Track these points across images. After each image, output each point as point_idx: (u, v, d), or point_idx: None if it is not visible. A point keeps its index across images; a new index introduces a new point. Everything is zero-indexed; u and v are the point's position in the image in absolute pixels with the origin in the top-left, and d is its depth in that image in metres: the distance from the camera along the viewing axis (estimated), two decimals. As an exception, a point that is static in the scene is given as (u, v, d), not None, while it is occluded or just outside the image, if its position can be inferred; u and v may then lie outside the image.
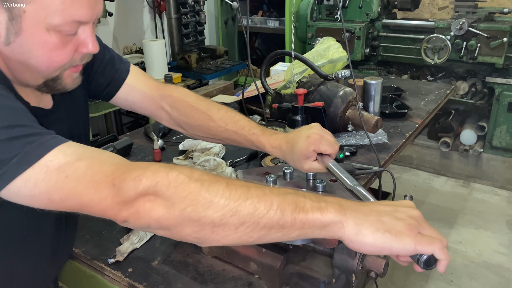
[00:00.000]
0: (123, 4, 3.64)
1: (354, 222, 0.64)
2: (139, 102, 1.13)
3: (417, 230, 0.64)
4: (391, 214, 0.66)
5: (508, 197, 3.35)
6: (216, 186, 0.64)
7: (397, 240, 0.63)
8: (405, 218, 0.65)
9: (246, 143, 1.09)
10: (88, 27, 0.79)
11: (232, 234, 0.65)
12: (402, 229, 0.63)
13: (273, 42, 4.61)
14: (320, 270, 0.90)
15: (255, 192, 0.65)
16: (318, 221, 0.64)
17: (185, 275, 1.01)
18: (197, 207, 0.63)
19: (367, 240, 0.63)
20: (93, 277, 1.12)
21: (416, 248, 0.63)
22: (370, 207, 0.67)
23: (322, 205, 0.65)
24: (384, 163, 1.53)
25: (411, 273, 2.59)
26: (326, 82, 1.71)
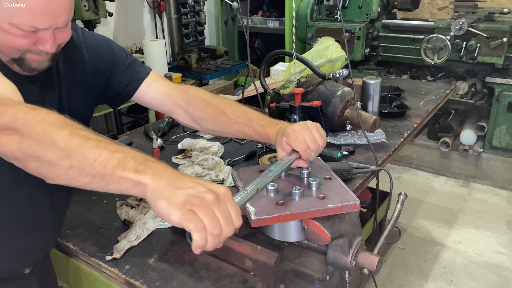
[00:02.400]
0: (123, 4, 3.65)
1: (153, 187, 0.71)
2: (158, 99, 1.24)
3: (192, 206, 0.68)
4: (185, 189, 0.70)
5: (507, 197, 3.35)
6: (60, 132, 0.73)
7: (167, 210, 0.68)
8: (192, 195, 0.69)
9: (254, 135, 1.14)
10: (48, 32, 0.90)
11: (63, 175, 0.74)
12: (178, 202, 0.68)
13: (273, 42, 4.62)
14: (315, 267, 0.90)
15: (90, 143, 0.73)
16: (130, 180, 0.71)
17: (181, 272, 1.01)
18: (40, 146, 0.73)
19: (153, 202, 0.70)
20: (91, 274, 1.12)
21: (179, 222, 0.68)
22: (178, 179, 0.72)
23: (140, 168, 0.72)
24: (382, 162, 1.54)
25: (410, 273, 2.59)
26: (324, 82, 1.72)
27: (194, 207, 0.68)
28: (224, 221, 0.69)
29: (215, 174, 1.45)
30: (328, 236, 0.80)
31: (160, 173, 0.72)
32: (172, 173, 0.73)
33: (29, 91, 0.97)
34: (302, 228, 0.88)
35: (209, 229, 0.68)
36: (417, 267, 2.64)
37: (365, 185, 1.46)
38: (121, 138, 1.66)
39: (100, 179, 0.73)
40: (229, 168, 1.48)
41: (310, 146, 0.98)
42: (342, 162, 1.42)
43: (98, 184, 0.74)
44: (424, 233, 2.96)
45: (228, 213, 0.71)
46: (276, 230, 0.91)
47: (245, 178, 1.00)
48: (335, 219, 0.85)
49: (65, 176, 0.74)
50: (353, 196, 0.87)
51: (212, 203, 0.70)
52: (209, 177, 1.44)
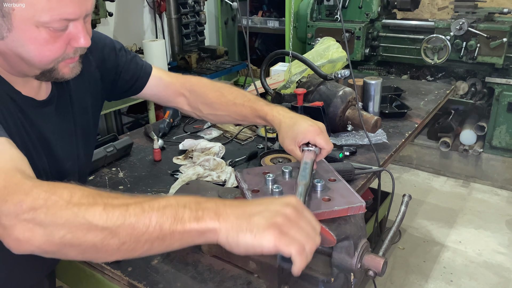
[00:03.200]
0: (123, 4, 3.64)
1: (225, 227, 0.65)
2: (163, 91, 1.23)
3: (280, 228, 0.64)
4: (260, 213, 0.66)
5: (507, 197, 3.35)
6: (93, 210, 0.64)
7: (256, 239, 0.63)
8: (273, 216, 0.65)
9: (250, 115, 1.15)
10: (78, 22, 0.81)
11: (116, 253, 0.66)
12: (264, 227, 0.64)
13: (273, 42, 4.61)
14: (319, 269, 0.90)
15: (133, 211, 0.65)
16: (195, 231, 0.65)
17: (184, 274, 1.01)
18: (76, 234, 0.63)
19: (234, 242, 0.65)
20: (93, 276, 1.12)
21: (275, 247, 0.63)
22: (245, 208, 0.68)
23: (199, 214, 0.66)
24: (384, 162, 1.54)
25: (410, 273, 2.59)
26: (325, 82, 1.72)
27: (282, 227, 0.64)
28: (312, 231, 0.67)
29: (216, 175, 1.45)
30: (334, 238, 0.79)
31: (223, 211, 0.67)
32: (235, 205, 0.68)
33: (47, 116, 0.94)
34: (306, 230, 0.87)
35: (307, 247, 0.64)
36: (417, 267, 2.64)
37: (367, 185, 1.46)
38: (121, 138, 1.65)
39: (160, 242, 0.66)
40: (230, 169, 1.48)
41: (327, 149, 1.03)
42: (345, 163, 1.42)
43: (159, 248, 0.67)
44: (424, 233, 2.96)
45: (311, 222, 0.68)
46: (280, 232, 0.90)
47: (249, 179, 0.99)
48: (340, 221, 0.85)
49: (119, 253, 0.66)
50: (358, 198, 0.87)
51: (296, 217, 0.66)
52: (210, 178, 1.43)
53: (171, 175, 1.50)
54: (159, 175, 1.50)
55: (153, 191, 1.39)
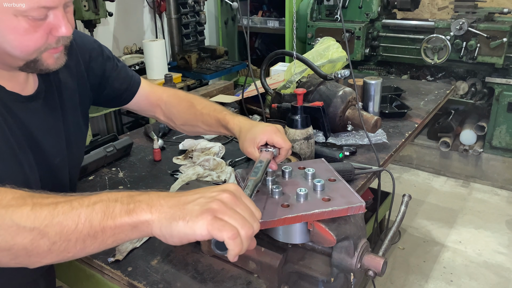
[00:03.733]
0: (123, 4, 3.64)
1: (158, 217, 0.63)
2: (144, 101, 1.27)
3: (214, 213, 0.62)
4: (194, 200, 0.65)
5: (507, 197, 3.35)
6: (21, 211, 0.62)
7: (189, 226, 0.62)
8: (206, 202, 0.64)
9: (215, 124, 1.18)
10: (58, 11, 0.80)
11: (48, 255, 0.63)
12: (197, 214, 0.62)
13: (273, 42, 4.62)
14: (319, 269, 0.90)
15: (61, 209, 0.63)
16: (127, 225, 0.63)
17: (184, 274, 1.01)
18: (5, 237, 0.61)
19: (167, 232, 0.63)
20: (93, 276, 1.12)
21: (209, 233, 0.61)
22: (179, 198, 0.66)
23: (130, 207, 0.64)
24: (384, 162, 1.54)
25: (410, 273, 2.59)
26: (325, 82, 1.72)
27: (217, 213, 0.62)
28: (250, 217, 0.65)
29: (216, 175, 1.45)
30: (334, 239, 0.79)
31: (156, 201, 0.65)
32: (169, 196, 0.67)
33: (33, 111, 0.93)
34: (306, 230, 0.87)
35: (242, 232, 0.62)
36: (417, 267, 2.64)
37: (367, 185, 1.46)
38: (121, 138, 1.65)
39: (92, 239, 0.63)
40: (230, 169, 1.48)
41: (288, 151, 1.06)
42: (344, 163, 1.42)
43: (93, 246, 0.64)
44: (424, 233, 2.96)
45: (249, 208, 0.66)
46: (280, 232, 0.90)
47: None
48: (340, 221, 0.85)
49: (51, 254, 0.63)
50: (358, 198, 0.87)
51: (232, 203, 0.64)
52: (210, 178, 1.43)
53: (171, 175, 1.50)
54: (159, 175, 1.50)
55: (153, 191, 1.39)
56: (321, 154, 1.47)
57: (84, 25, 2.96)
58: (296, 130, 1.40)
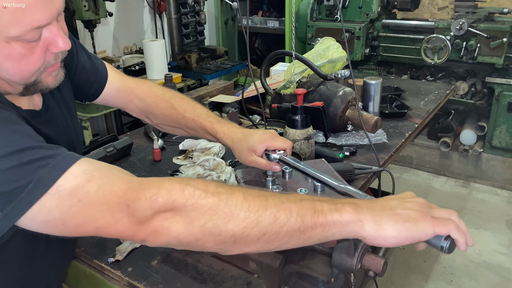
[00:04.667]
0: (123, 4, 3.64)
1: (373, 219, 0.66)
2: (114, 96, 1.17)
3: (429, 214, 0.68)
4: (401, 205, 0.69)
5: (508, 197, 3.35)
6: (234, 199, 0.64)
7: (416, 227, 0.66)
8: (414, 206, 0.69)
9: (200, 131, 1.13)
10: (52, 26, 0.74)
11: (254, 244, 0.65)
12: (416, 217, 0.67)
13: (273, 42, 4.61)
14: (319, 270, 0.90)
15: (273, 201, 0.64)
16: (338, 222, 0.65)
17: (184, 274, 1.01)
18: (217, 222, 0.63)
19: (390, 233, 0.66)
20: (93, 276, 1.12)
21: (434, 231, 0.67)
22: (381, 203, 0.70)
23: (338, 207, 0.66)
24: (384, 163, 1.54)
25: (410, 273, 2.59)
26: (325, 82, 1.72)
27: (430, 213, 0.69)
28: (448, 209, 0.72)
29: (216, 175, 1.45)
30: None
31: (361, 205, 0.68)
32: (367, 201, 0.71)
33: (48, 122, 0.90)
34: (306, 230, 0.87)
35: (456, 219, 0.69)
36: (417, 267, 2.64)
37: (367, 185, 1.46)
38: (121, 138, 1.65)
39: (300, 234, 0.65)
40: (230, 169, 1.48)
41: None
42: (345, 163, 1.42)
43: (297, 241, 0.66)
44: (424, 233, 2.96)
45: None
46: (280, 232, 0.90)
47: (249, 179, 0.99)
48: (340, 221, 0.84)
49: (257, 244, 0.65)
50: (358, 198, 0.87)
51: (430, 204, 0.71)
52: (210, 178, 1.43)
53: (171, 175, 1.50)
54: (159, 175, 1.50)
55: (153, 191, 1.39)
56: (321, 154, 1.47)
57: (84, 25, 2.96)
58: (296, 130, 1.40)
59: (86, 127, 2.74)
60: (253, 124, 1.83)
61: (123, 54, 3.66)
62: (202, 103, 2.08)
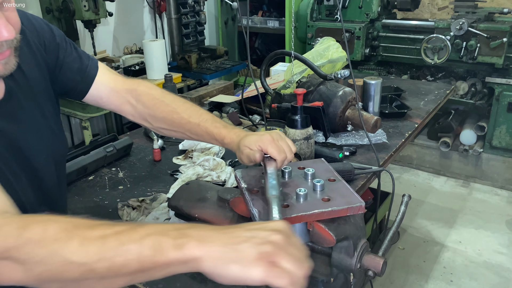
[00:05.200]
0: (123, 4, 3.64)
1: (210, 256, 0.62)
2: (106, 97, 1.13)
3: (269, 258, 0.60)
4: (248, 240, 0.63)
5: (508, 197, 3.35)
6: (69, 246, 0.62)
7: (245, 271, 0.60)
8: (261, 244, 0.62)
9: (206, 136, 1.09)
10: None
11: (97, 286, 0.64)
12: (252, 259, 0.60)
13: (273, 42, 4.61)
14: (319, 269, 0.90)
15: (110, 243, 0.62)
16: (177, 261, 0.62)
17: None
18: (53, 272, 0.62)
19: (220, 273, 0.61)
20: (93, 276, 1.12)
21: (265, 280, 0.60)
22: (232, 234, 0.64)
23: (183, 241, 0.62)
24: (384, 162, 1.54)
25: (410, 273, 2.59)
26: (325, 82, 1.72)
27: (272, 257, 0.60)
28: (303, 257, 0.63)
29: (216, 175, 1.45)
30: (334, 239, 0.79)
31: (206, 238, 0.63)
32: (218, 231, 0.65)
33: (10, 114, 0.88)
34: (306, 230, 0.87)
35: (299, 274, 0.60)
36: (417, 267, 2.64)
37: (367, 185, 1.46)
38: (121, 138, 1.65)
39: (142, 274, 0.63)
40: (230, 169, 1.48)
41: (287, 156, 0.98)
42: (344, 163, 1.42)
43: (142, 278, 0.64)
44: (424, 233, 2.96)
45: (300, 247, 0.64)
46: (279, 232, 0.90)
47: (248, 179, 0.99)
48: (340, 221, 0.85)
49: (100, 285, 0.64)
50: (358, 198, 0.87)
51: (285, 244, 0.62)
52: (210, 178, 1.43)
53: (171, 175, 1.50)
54: (159, 175, 1.50)
55: (153, 191, 1.39)
56: (321, 154, 1.47)
57: (84, 25, 2.96)
58: (296, 130, 1.40)
59: (86, 127, 2.74)
60: (253, 124, 1.83)
61: (123, 54, 3.66)
62: (202, 103, 2.09)
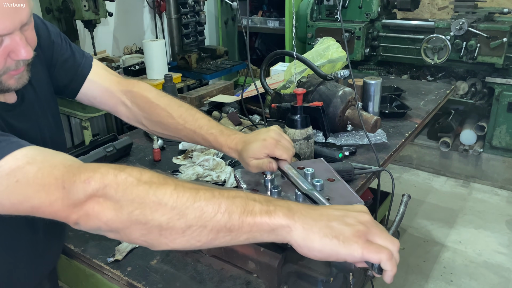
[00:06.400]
0: (123, 4, 3.64)
1: (302, 226, 0.63)
2: (99, 97, 1.12)
3: (365, 236, 0.63)
4: (340, 219, 0.64)
5: (507, 197, 3.35)
6: (164, 189, 0.64)
7: (344, 246, 0.62)
8: (354, 223, 0.64)
9: (204, 143, 1.09)
10: (14, 35, 0.77)
11: (180, 238, 0.64)
12: (349, 235, 0.62)
13: (273, 42, 4.62)
14: (318, 269, 0.90)
15: (203, 195, 0.64)
16: (266, 225, 0.63)
17: (183, 274, 1.01)
18: (144, 210, 0.63)
19: (315, 246, 0.62)
20: (92, 276, 1.12)
21: (363, 256, 0.62)
22: (321, 211, 0.66)
23: (271, 209, 0.64)
24: (383, 162, 1.54)
25: (410, 273, 2.59)
26: (325, 82, 1.72)
27: (368, 235, 0.63)
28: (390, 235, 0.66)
29: (216, 175, 1.45)
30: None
31: (296, 210, 0.65)
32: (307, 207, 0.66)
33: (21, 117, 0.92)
34: (305, 230, 0.87)
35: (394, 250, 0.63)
36: (417, 267, 2.64)
37: (366, 185, 1.46)
38: (121, 138, 1.65)
39: (227, 232, 0.64)
40: (230, 169, 1.48)
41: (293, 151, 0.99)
42: (344, 163, 1.42)
43: (224, 238, 0.65)
44: (424, 233, 2.96)
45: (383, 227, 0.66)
46: (279, 232, 0.90)
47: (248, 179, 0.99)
48: (339, 221, 0.84)
49: (183, 238, 0.64)
50: (357, 198, 0.87)
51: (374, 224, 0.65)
52: (210, 178, 1.43)
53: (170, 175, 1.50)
54: (158, 175, 1.50)
55: (153, 191, 1.39)
56: (321, 154, 1.47)
57: (84, 25, 2.96)
58: (295, 130, 1.40)
59: (86, 127, 2.74)
60: (253, 124, 1.83)
61: (123, 54, 3.66)
62: (202, 103, 2.09)
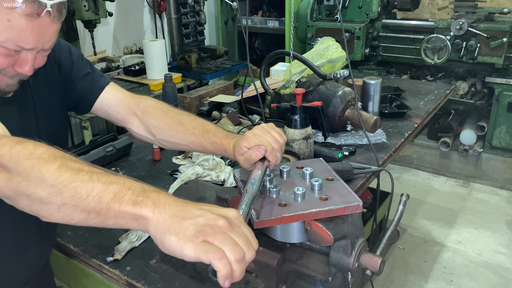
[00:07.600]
0: (123, 4, 3.64)
1: (157, 220, 0.65)
2: (114, 106, 1.20)
3: (205, 237, 0.63)
4: (194, 217, 0.65)
5: (507, 197, 3.35)
6: (48, 166, 0.68)
7: (179, 245, 0.63)
8: (202, 224, 0.64)
9: (210, 147, 1.11)
10: (30, 53, 0.88)
11: (56, 213, 0.69)
12: (190, 235, 0.63)
13: (273, 42, 4.62)
14: (317, 268, 0.90)
15: (82, 176, 0.68)
16: (129, 214, 0.67)
17: (183, 273, 1.01)
18: (29, 183, 0.68)
19: (162, 241, 0.64)
20: (92, 276, 1.12)
21: (195, 256, 0.62)
22: (184, 208, 0.67)
23: (139, 199, 0.67)
24: (383, 162, 1.54)
25: (410, 273, 2.59)
26: (325, 82, 1.72)
27: (208, 237, 0.63)
28: (244, 244, 0.64)
29: (215, 175, 1.45)
30: (331, 238, 0.80)
31: (162, 204, 0.67)
32: (175, 203, 0.68)
33: (10, 114, 0.96)
34: (304, 229, 0.87)
35: (231, 255, 0.62)
36: (417, 267, 2.64)
37: (366, 185, 1.46)
38: (121, 138, 1.65)
39: (96, 215, 0.68)
40: (229, 169, 1.48)
41: (274, 147, 1.00)
42: (343, 163, 1.42)
43: (94, 220, 0.69)
44: (424, 233, 2.96)
45: (245, 235, 0.66)
46: (278, 231, 0.90)
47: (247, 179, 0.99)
48: (337, 220, 0.85)
49: (58, 213, 0.69)
50: (355, 197, 0.87)
51: (226, 229, 0.64)
52: (209, 178, 1.44)
53: (170, 175, 1.50)
54: (158, 175, 1.50)
55: (152, 191, 1.39)
56: (320, 154, 1.47)
57: (84, 25, 2.96)
58: (295, 130, 1.40)
59: (86, 127, 2.75)
60: (253, 124, 1.83)
61: (123, 54, 3.66)
62: (202, 103, 2.09)
